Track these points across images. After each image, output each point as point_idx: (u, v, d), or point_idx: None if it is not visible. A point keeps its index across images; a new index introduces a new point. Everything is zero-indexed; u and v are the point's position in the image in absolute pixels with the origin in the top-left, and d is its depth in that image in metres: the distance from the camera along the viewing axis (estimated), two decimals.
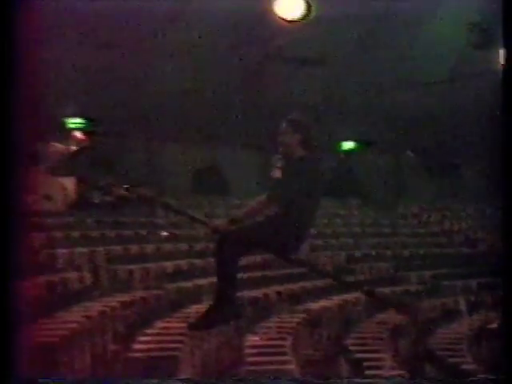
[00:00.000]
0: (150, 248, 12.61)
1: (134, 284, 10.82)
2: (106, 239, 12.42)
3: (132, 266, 11.23)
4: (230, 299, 5.68)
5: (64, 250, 11.26)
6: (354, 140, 20.28)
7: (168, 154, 18.69)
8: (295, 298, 11.78)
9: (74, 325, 7.68)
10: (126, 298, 9.59)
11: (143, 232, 13.35)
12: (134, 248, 12.28)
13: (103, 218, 13.73)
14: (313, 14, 10.83)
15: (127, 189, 6.38)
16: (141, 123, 16.14)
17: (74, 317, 8.21)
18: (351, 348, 9.04)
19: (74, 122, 16.38)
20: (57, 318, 8.26)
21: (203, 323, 5.97)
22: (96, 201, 15.39)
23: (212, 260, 12.74)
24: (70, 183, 15.55)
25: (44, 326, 7.81)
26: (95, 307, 8.61)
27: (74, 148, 16.26)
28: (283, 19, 11.00)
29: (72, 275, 10.38)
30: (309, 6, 10.69)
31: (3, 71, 4.20)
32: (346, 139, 20.30)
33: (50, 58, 13.46)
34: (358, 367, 7.93)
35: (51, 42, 12.80)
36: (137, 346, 7.51)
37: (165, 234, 13.73)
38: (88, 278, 10.44)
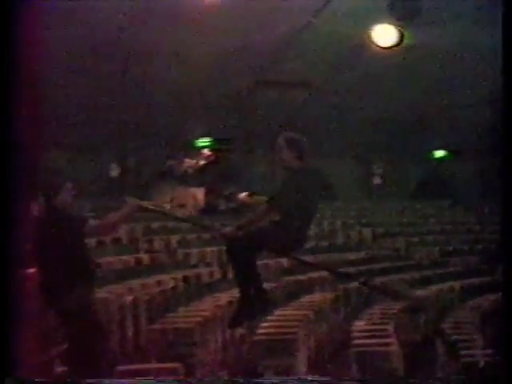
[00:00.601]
0: None
1: None
2: None
3: None
4: (251, 297, 5.51)
5: (196, 250, 11.48)
6: (444, 149, 20.02)
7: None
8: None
9: (207, 313, 7.79)
10: None
11: None
12: None
13: (228, 222, 13.85)
14: (405, 41, 10.77)
15: (248, 196, 6.39)
16: (259, 140, 16.23)
17: (206, 306, 8.34)
18: (447, 331, 8.82)
19: (203, 141, 16.70)
20: (192, 307, 8.41)
21: (233, 321, 5.84)
22: (222, 207, 15.61)
23: (322, 256, 12.76)
24: (200, 193, 15.86)
25: (182, 313, 7.97)
26: (224, 298, 8.70)
27: (203, 163, 16.57)
28: (379, 46, 10.99)
29: (204, 271, 10.55)
30: (401, 34, 10.67)
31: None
32: (437, 148, 20.06)
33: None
34: (453, 348, 7.73)
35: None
36: (260, 331, 7.55)
37: None
38: (217, 272, 10.57)
